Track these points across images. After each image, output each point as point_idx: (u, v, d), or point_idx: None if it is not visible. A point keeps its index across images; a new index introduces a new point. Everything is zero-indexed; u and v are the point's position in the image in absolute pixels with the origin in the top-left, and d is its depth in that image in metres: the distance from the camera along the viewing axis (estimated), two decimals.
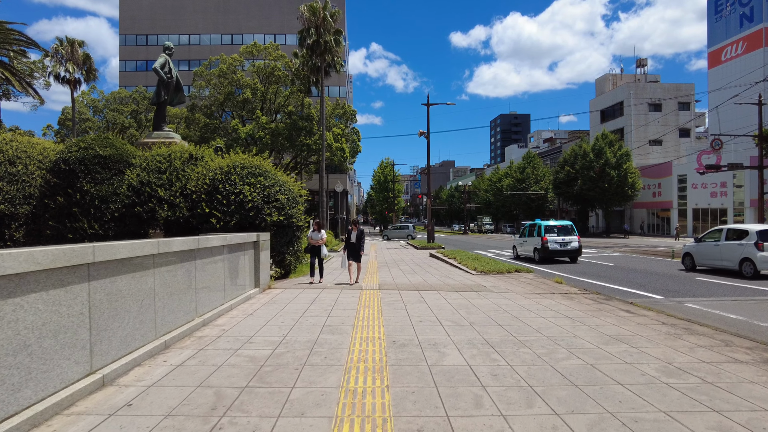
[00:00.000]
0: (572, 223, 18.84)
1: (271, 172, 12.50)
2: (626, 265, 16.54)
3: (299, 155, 37.42)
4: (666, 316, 6.75)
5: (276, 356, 4.63)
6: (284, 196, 12.10)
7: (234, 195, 11.48)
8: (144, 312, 4.68)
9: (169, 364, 4.35)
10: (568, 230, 18.11)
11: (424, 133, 28.95)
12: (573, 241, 17.79)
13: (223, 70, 35.59)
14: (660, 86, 55.05)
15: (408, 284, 10.21)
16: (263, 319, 6.45)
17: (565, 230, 18.06)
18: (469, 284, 10.17)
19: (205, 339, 5.35)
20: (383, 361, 4.44)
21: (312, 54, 33.87)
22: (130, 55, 61.12)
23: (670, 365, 4.38)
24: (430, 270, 13.88)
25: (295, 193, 12.86)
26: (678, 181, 46.19)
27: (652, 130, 53.32)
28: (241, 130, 33.17)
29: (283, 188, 12.31)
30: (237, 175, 11.76)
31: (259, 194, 11.66)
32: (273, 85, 36.05)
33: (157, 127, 17.47)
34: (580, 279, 12.54)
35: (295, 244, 12.87)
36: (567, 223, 18.44)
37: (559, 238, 17.69)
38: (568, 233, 17.99)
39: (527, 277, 11.48)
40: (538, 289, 9.42)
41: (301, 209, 12.59)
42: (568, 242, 17.72)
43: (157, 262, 4.98)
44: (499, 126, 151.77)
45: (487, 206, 70.43)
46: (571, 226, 18.33)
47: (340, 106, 39.27)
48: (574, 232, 18.21)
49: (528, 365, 4.36)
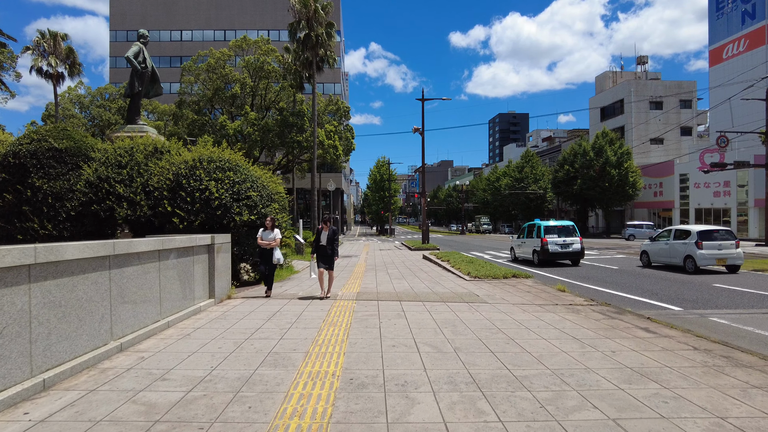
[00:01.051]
0: (574, 223, 17.66)
1: (243, 166, 11.28)
2: (632, 268, 15.35)
3: (291, 153, 36.19)
4: (695, 337, 5.53)
5: (185, 404, 3.40)
6: (257, 193, 10.87)
7: (199, 192, 10.25)
8: (9, 344, 3.45)
9: (28, 420, 3.12)
10: (570, 231, 16.86)
11: (419, 129, 27.73)
12: (575, 242, 16.53)
13: (212, 65, 34.32)
14: (661, 84, 53.93)
15: (391, 293, 8.99)
16: (199, 342, 5.21)
17: (567, 231, 16.80)
18: (460, 292, 8.96)
19: (109, 373, 4.12)
20: (327, 414, 3.22)
21: (303, 48, 32.65)
22: (120, 51, 59.65)
23: (725, 422, 3.16)
24: (420, 274, 12.65)
25: (270, 190, 11.64)
26: (680, 180, 45.04)
27: (653, 128, 52.21)
28: (229, 127, 31.91)
29: (255, 184, 11.08)
30: (203, 170, 10.53)
31: (228, 191, 10.44)
32: (263, 80, 34.80)
33: (131, 120, 16.28)
34: (584, 285, 11.33)
35: None
36: (568, 224, 17.15)
37: (560, 240, 16.44)
38: (570, 234, 16.75)
39: (526, 284, 10.27)
40: (539, 299, 8.20)
41: (276, 207, 11.35)
42: (570, 244, 16.47)
43: (35, 274, 3.75)
44: (497, 125, 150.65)
45: (485, 206, 69.23)
46: (572, 227, 17.07)
47: (333, 102, 38.04)
48: (576, 233, 16.99)
49: (527, 422, 3.14)
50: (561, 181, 49.92)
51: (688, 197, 44.40)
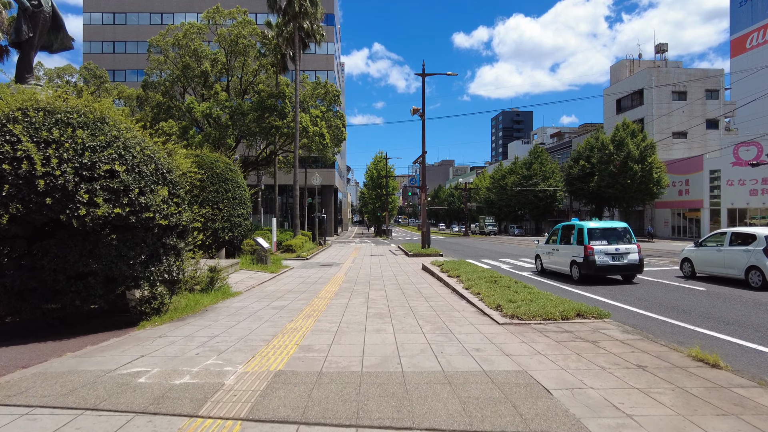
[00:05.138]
0: (628, 225, 12.93)
1: (110, 123, 6.59)
2: (724, 291, 10.62)
3: (272, 142, 31.46)
4: None
5: None
6: (127, 167, 6.18)
7: (12, 163, 5.58)
8: None
9: None
10: (622, 235, 12.35)
11: (419, 110, 23.03)
12: (631, 251, 12.03)
13: (179, 39, 29.59)
14: (684, 71, 49.24)
15: (348, 374, 4.26)
16: None
17: (618, 236, 12.31)
18: (501, 371, 4.29)
19: None
20: None
21: (285, 18, 27.96)
22: (94, 35, 55.03)
23: None
24: (417, 307, 7.86)
25: (163, 165, 6.94)
26: (710, 177, 40.34)
27: (676, 120, 47.54)
28: (196, 109, 27.18)
29: (131, 153, 6.41)
30: (22, 125, 5.85)
31: (71, 162, 5.76)
32: (239, 57, 30.07)
33: (21, 79, 11.71)
34: (694, 329, 6.65)
35: (167, 261, 6.97)
36: (621, 225, 12.66)
37: (612, 248, 11.93)
38: (623, 240, 12.24)
39: (613, 338, 5.59)
40: (697, 405, 3.56)
41: (165, 195, 6.62)
42: (624, 254, 11.95)
43: None
44: (500, 123, 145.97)
45: (490, 206, 64.51)
46: (626, 230, 12.58)
47: (321, 85, 33.33)
48: (631, 238, 12.45)
49: None
50: (575, 178, 45.24)
51: (719, 196, 39.73)
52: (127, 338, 5.64)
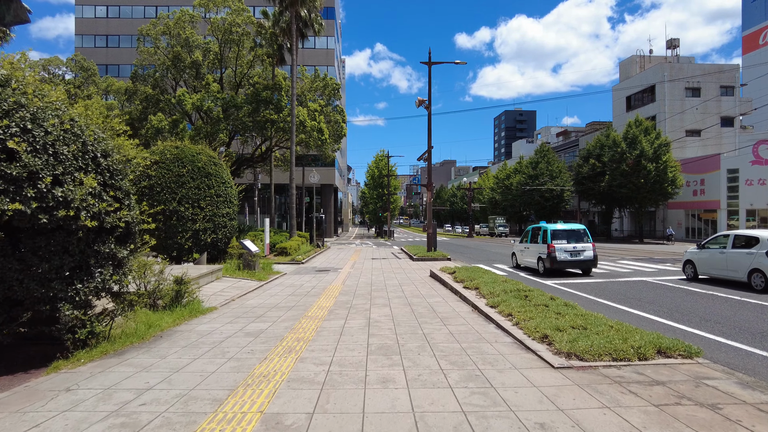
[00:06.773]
0: (585, 227, 14.91)
1: (14, 86, 4.85)
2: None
3: (267, 137, 29.67)
4: None
5: None
6: (29, 146, 4.42)
7: None
8: None
9: None
10: (580, 236, 14.33)
11: (424, 101, 21.26)
12: (586, 249, 13.97)
13: (170, 27, 27.86)
14: (698, 66, 47.37)
15: None
16: None
17: (577, 235, 14.28)
18: None
19: None
20: None
21: (282, 6, 26.23)
22: (87, 29, 53.34)
23: None
24: (434, 336, 6.05)
25: (94, 146, 5.17)
26: (728, 177, 38.50)
27: (689, 118, 45.67)
28: (187, 101, 25.42)
29: (43, 127, 4.65)
30: None
31: None
32: (233, 46, 28.32)
33: None
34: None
35: (101, 275, 5.19)
36: (579, 227, 14.65)
37: (570, 246, 13.90)
38: (580, 239, 14.20)
39: (733, 396, 3.83)
40: None
41: (92, 184, 4.85)
42: (581, 251, 13.90)
43: None
44: (503, 123, 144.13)
45: (494, 206, 62.64)
46: (583, 231, 14.56)
47: (320, 78, 31.59)
48: (587, 237, 14.37)
49: None
50: (585, 177, 43.37)
51: (737, 197, 37.88)
52: (9, 396, 3.86)
